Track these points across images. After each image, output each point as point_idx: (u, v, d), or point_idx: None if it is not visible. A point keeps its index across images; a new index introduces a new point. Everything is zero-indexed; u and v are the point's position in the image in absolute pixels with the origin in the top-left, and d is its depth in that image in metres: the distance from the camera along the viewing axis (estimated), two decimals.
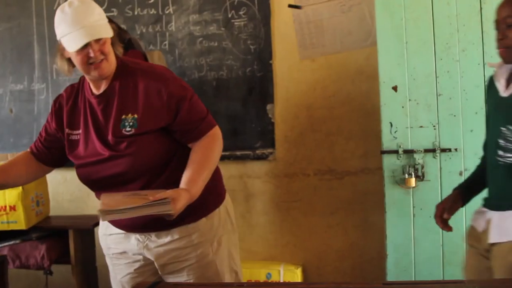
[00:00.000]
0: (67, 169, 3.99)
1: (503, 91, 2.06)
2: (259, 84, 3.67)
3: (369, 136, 3.47)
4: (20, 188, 3.21)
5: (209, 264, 2.35)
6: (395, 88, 2.99)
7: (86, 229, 3.47)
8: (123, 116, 2.24)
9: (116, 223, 2.35)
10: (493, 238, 2.04)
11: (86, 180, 2.33)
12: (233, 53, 3.69)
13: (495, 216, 2.08)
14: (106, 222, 2.40)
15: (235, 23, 3.67)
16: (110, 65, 2.25)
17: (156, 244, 2.30)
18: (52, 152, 2.43)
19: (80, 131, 2.33)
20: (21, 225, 3.27)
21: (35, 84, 4.07)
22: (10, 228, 3.27)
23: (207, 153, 2.25)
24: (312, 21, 3.53)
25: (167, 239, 2.30)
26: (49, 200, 3.62)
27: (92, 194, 2.37)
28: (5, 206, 3.22)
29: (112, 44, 2.27)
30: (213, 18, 3.70)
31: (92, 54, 2.19)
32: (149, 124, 2.22)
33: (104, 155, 2.23)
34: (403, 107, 2.98)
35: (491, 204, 2.13)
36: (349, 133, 3.58)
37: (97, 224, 3.45)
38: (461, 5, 2.91)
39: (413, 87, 2.97)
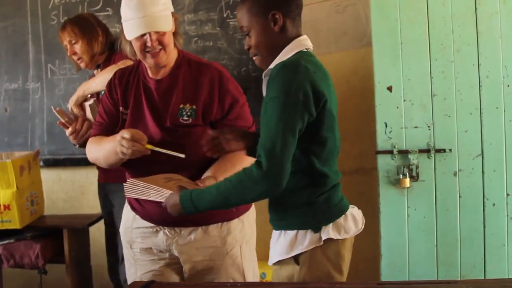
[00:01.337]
0: (62, 168, 4.02)
1: None
2: (254, 84, 3.66)
3: (363, 136, 3.47)
4: (15, 187, 3.20)
5: (237, 266, 2.35)
6: (390, 89, 2.99)
7: (80, 229, 3.46)
8: (181, 106, 2.26)
9: (145, 215, 2.33)
10: (269, 260, 2.01)
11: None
12: (228, 53, 3.68)
13: (273, 236, 2.03)
14: (133, 215, 2.38)
15: (230, 23, 3.66)
16: (168, 55, 2.28)
17: (186, 240, 2.29)
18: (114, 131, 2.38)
19: (129, 111, 2.33)
20: (16, 225, 3.25)
21: (30, 83, 4.06)
22: (4, 227, 3.26)
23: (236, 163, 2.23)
24: (307, 21, 3.52)
25: (198, 236, 2.29)
26: (44, 199, 3.61)
27: (86, 193, 2.37)
28: None
29: (174, 34, 2.30)
30: (208, 17, 3.70)
31: (149, 44, 2.20)
32: (206, 117, 2.26)
33: (154, 140, 2.22)
34: (398, 107, 2.99)
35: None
36: (344, 133, 3.56)
37: (91, 223, 3.45)
38: (456, 6, 2.91)
39: (408, 87, 2.98)
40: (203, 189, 1.83)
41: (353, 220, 1.96)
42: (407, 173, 2.97)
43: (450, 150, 2.95)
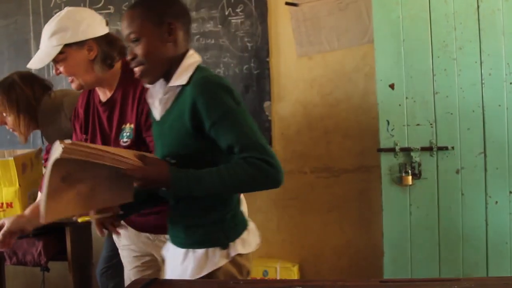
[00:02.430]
0: None
1: (158, 115, 1.89)
2: (256, 82, 3.66)
3: (366, 134, 3.47)
4: (17, 185, 3.21)
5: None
6: (392, 86, 2.99)
7: (83, 226, 3.46)
8: (123, 126, 2.25)
9: (127, 221, 2.33)
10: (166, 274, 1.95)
11: None
12: (230, 51, 3.68)
13: (170, 249, 1.97)
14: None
15: (232, 21, 3.66)
16: (80, 80, 2.31)
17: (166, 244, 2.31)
18: None
19: (86, 136, 2.35)
20: None
21: None
22: None
23: None
24: (309, 18, 3.53)
25: None
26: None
27: None
28: (2, 203, 3.22)
29: (93, 61, 2.30)
30: (210, 15, 3.70)
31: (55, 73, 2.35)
32: (141, 135, 2.23)
33: None
34: (400, 105, 2.98)
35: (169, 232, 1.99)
36: (346, 131, 3.58)
37: None
38: (458, 3, 2.91)
39: (410, 85, 2.97)
40: (202, 174, 1.72)
41: (253, 233, 1.95)
42: (410, 171, 2.96)
43: (453, 147, 2.95)
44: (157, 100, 1.88)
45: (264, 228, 3.74)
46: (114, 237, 2.48)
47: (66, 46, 2.28)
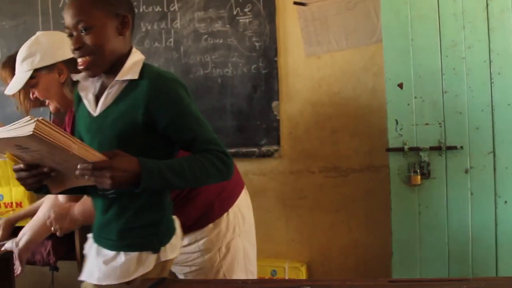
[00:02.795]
0: None
1: (93, 110, 1.82)
2: (264, 81, 3.66)
3: (374, 134, 3.46)
4: None
5: (216, 270, 2.35)
6: (400, 85, 2.98)
7: (91, 226, 3.47)
8: None
9: None
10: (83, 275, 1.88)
11: None
12: (238, 50, 3.68)
13: (93, 248, 1.90)
14: None
15: (240, 20, 3.66)
16: (55, 103, 2.45)
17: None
18: None
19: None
20: (28, 221, 3.28)
21: None
22: (17, 225, 3.28)
23: None
24: (318, 18, 3.53)
25: None
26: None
27: None
28: (12, 203, 3.23)
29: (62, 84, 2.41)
30: (218, 15, 3.70)
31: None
32: None
33: None
34: (408, 104, 2.98)
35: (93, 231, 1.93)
36: (354, 130, 3.58)
37: None
38: (467, 2, 2.90)
39: (418, 84, 2.96)
40: (173, 164, 1.69)
41: (179, 238, 1.93)
42: (418, 171, 2.96)
43: (462, 147, 2.94)
44: (91, 94, 1.82)
45: (272, 228, 3.78)
46: None
47: (36, 70, 2.38)
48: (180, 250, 2.17)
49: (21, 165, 1.68)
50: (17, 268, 2.66)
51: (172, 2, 3.78)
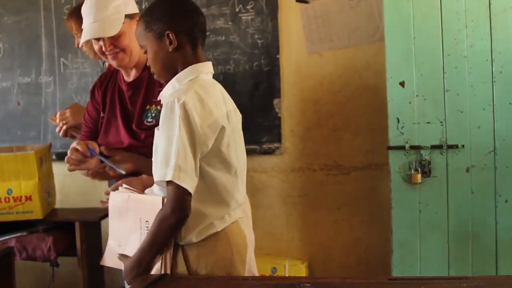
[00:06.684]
0: None
1: None
2: (266, 79, 3.67)
3: (375, 132, 3.46)
4: (37, 178, 3.25)
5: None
6: (402, 84, 2.98)
7: (92, 222, 3.48)
8: (148, 107, 2.26)
9: None
10: None
11: None
12: (240, 48, 3.68)
13: None
14: None
15: (243, 18, 3.66)
16: (130, 56, 2.28)
17: None
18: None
19: (105, 115, 2.36)
20: (38, 215, 3.31)
21: (43, 77, 4.08)
22: (25, 218, 3.31)
23: None
24: (320, 15, 3.53)
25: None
26: (56, 192, 3.64)
27: (98, 187, 2.38)
28: (21, 197, 3.25)
29: None
30: (220, 12, 3.70)
31: (103, 48, 2.22)
32: None
33: (123, 144, 2.25)
34: (410, 102, 2.98)
35: None
36: (356, 128, 3.58)
37: (103, 217, 3.47)
38: (470, 0, 2.89)
39: (420, 82, 2.96)
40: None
41: None
42: (419, 169, 2.96)
43: (463, 146, 2.94)
44: None
45: (273, 225, 3.78)
46: None
47: (126, 17, 2.28)
48: None
49: None
50: None
51: None
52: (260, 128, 3.68)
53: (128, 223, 1.92)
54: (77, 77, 4.01)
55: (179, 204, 1.74)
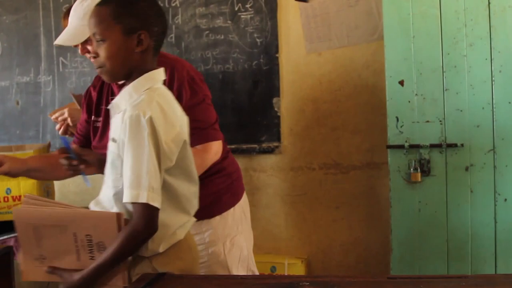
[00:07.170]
0: None
1: None
2: (265, 78, 3.66)
3: (375, 131, 3.46)
4: None
5: (220, 264, 2.34)
6: (401, 83, 2.98)
7: None
8: None
9: None
10: None
11: None
12: (239, 46, 3.68)
13: None
14: None
15: (242, 16, 3.66)
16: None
17: None
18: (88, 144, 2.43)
19: (101, 118, 2.35)
20: None
21: (42, 76, 4.08)
22: None
23: None
24: (319, 14, 3.52)
25: None
26: (54, 191, 3.64)
27: (98, 186, 2.37)
28: (20, 196, 3.25)
29: None
30: (219, 11, 3.70)
31: (80, 52, 2.33)
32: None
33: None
34: (409, 101, 2.98)
35: None
36: (355, 127, 3.58)
37: None
38: None
39: (419, 81, 2.96)
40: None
41: None
42: (418, 168, 2.96)
43: (462, 145, 2.94)
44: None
45: (272, 224, 3.78)
46: None
47: None
48: None
49: None
50: None
51: None
52: (259, 127, 3.68)
53: (55, 238, 1.85)
54: (76, 76, 4.01)
55: (151, 221, 1.72)
